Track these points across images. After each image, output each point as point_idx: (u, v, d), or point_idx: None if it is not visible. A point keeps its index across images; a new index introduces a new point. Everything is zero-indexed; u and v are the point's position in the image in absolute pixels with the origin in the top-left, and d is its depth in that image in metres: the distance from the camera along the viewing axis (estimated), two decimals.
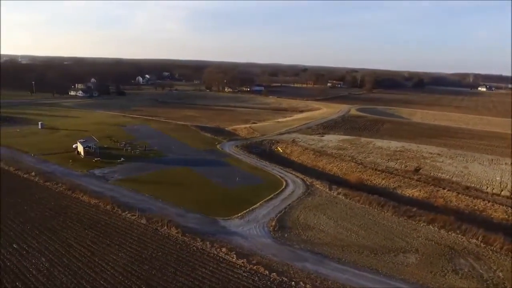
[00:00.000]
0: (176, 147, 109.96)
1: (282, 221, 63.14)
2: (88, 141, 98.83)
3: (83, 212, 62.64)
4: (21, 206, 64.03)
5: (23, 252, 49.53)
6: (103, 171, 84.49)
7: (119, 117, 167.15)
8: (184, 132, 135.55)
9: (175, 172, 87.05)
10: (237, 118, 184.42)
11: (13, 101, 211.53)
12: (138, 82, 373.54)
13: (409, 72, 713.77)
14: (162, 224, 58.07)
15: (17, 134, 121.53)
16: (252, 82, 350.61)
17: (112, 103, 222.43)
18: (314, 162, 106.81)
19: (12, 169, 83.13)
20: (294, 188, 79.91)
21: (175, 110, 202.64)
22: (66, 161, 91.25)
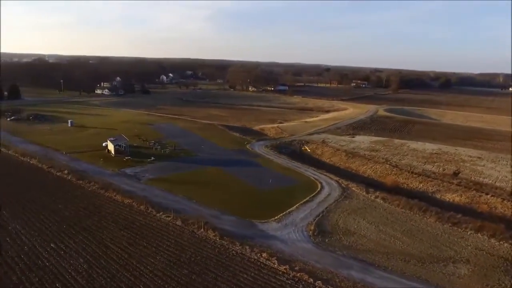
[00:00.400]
0: (205, 147, 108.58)
1: (321, 225, 60.57)
2: (118, 139, 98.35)
3: (117, 212, 61.54)
4: (56, 204, 63.46)
5: (61, 252, 48.54)
6: (134, 170, 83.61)
7: (146, 116, 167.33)
8: (212, 131, 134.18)
9: (206, 172, 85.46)
10: (263, 118, 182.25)
11: (42, 99, 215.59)
12: (162, 81, 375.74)
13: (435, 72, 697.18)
14: (199, 226, 56.32)
15: (48, 132, 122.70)
16: (276, 81, 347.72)
17: (137, 102, 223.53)
18: (347, 163, 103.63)
19: (45, 167, 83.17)
20: (330, 190, 77.13)
21: (200, 109, 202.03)
22: (97, 160, 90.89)
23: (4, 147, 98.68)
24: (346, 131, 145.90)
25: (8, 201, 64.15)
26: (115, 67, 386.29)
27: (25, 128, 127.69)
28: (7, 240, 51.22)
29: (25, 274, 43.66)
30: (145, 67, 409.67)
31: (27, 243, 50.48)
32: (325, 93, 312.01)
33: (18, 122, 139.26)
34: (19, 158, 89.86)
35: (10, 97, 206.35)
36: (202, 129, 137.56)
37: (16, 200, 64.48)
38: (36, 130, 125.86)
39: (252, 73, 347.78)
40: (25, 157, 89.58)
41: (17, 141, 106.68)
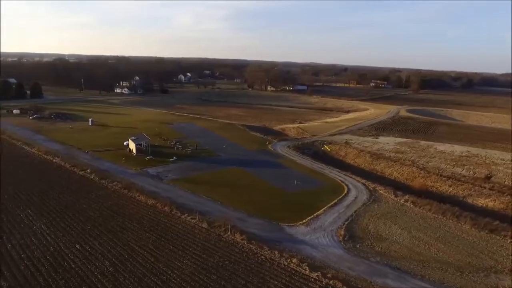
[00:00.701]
0: (227, 147, 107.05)
1: (351, 230, 58.19)
2: (140, 138, 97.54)
3: (141, 213, 60.30)
4: (80, 204, 62.64)
5: (86, 254, 47.41)
6: (156, 170, 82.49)
7: (165, 115, 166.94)
8: (232, 131, 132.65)
9: (229, 172, 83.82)
10: (283, 118, 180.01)
11: (63, 97, 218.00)
12: (180, 80, 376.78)
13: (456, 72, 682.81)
14: (225, 229, 54.60)
15: (69, 130, 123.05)
16: (295, 81, 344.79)
17: (156, 101, 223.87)
18: (371, 165, 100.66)
19: (68, 165, 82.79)
20: (357, 193, 74.56)
21: (219, 109, 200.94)
22: (119, 159, 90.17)
23: (28, 145, 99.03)
24: (369, 132, 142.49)
25: (33, 200, 63.73)
26: (133, 66, 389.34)
27: (47, 126, 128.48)
28: (33, 240, 50.44)
29: (51, 276, 42.63)
30: (163, 66, 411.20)
31: (53, 244, 49.57)
32: (344, 93, 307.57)
33: (41, 120, 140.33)
34: (43, 156, 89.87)
35: (33, 96, 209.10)
36: (223, 128, 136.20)
37: (40, 199, 63.95)
38: (58, 128, 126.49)
39: (270, 72, 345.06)
40: (48, 156, 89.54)
41: (40, 139, 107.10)
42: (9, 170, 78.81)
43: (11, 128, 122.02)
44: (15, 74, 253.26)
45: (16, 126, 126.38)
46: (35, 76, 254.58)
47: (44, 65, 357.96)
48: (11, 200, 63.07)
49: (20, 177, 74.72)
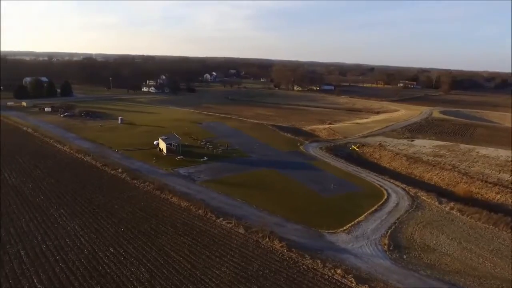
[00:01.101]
0: (258, 147, 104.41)
1: (395, 239, 54.47)
2: (170, 138, 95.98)
3: (175, 215, 58.24)
4: (112, 205, 61.17)
5: (121, 258, 45.56)
6: (188, 171, 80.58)
7: (193, 114, 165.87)
8: (262, 131, 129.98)
9: (263, 174, 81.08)
10: (311, 118, 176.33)
11: (92, 96, 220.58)
12: (206, 79, 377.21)
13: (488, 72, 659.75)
14: (263, 235, 51.87)
15: (99, 129, 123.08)
16: (321, 81, 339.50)
17: (183, 100, 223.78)
18: (409, 169, 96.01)
19: (99, 164, 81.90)
20: (398, 199, 70.52)
21: (247, 108, 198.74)
22: (149, 158, 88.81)
23: (60, 143, 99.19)
24: (403, 134, 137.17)
25: (66, 199, 62.73)
26: (159, 65, 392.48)
27: (78, 125, 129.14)
28: (67, 241, 49.06)
29: (87, 281, 40.93)
30: (189, 65, 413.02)
31: (87, 246, 48.00)
32: (372, 94, 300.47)
33: (71, 118, 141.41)
34: (74, 154, 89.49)
35: (63, 94, 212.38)
36: (252, 128, 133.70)
37: (73, 199, 62.88)
38: (88, 126, 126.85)
39: (297, 72, 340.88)
40: (80, 154, 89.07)
41: (71, 137, 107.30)
42: (44, 168, 78.57)
43: (44, 125, 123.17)
44: (46, 73, 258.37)
45: (48, 123, 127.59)
46: (65, 75, 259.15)
47: (73, 64, 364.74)
48: (46, 199, 62.21)
49: (54, 175, 74.17)
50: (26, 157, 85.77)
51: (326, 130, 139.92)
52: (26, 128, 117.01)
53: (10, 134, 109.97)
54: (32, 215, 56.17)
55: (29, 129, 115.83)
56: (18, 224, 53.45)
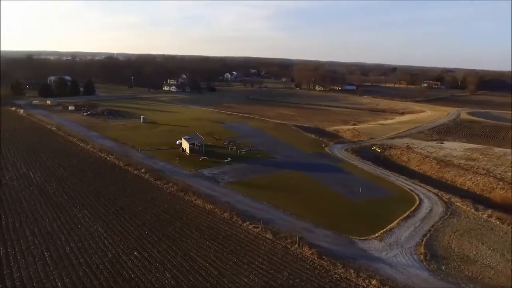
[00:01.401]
0: (282, 148, 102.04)
1: (432, 248, 51.26)
2: (194, 138, 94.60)
3: (199, 219, 56.44)
4: (135, 206, 59.83)
5: (145, 262, 43.93)
6: (211, 172, 78.85)
7: (215, 114, 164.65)
8: (285, 131, 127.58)
9: (288, 176, 78.67)
10: (334, 118, 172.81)
11: (114, 95, 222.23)
12: (226, 78, 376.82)
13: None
14: (292, 241, 49.50)
15: (122, 128, 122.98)
16: (343, 80, 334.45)
17: (204, 99, 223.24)
18: (439, 173, 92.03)
19: (122, 164, 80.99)
20: (431, 205, 67.05)
21: (268, 108, 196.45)
22: (172, 158, 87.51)
23: (83, 142, 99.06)
24: (431, 135, 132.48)
25: (89, 199, 61.76)
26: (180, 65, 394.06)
27: (101, 123, 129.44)
28: (90, 243, 47.77)
29: (111, 286, 39.44)
30: (209, 65, 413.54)
31: (110, 249, 46.60)
32: (395, 94, 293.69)
33: (94, 117, 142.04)
34: (97, 153, 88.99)
35: (86, 93, 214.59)
36: (275, 129, 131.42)
37: (96, 199, 61.85)
38: (110, 125, 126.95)
39: (318, 72, 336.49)
40: (103, 153, 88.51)
41: (94, 136, 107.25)
42: (67, 167, 78.16)
43: (67, 124, 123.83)
44: (70, 72, 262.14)
45: (71, 122, 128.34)
46: (88, 74, 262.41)
47: (95, 64, 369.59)
48: (70, 199, 61.38)
49: (77, 175, 73.57)
50: (50, 156, 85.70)
51: (350, 131, 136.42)
52: (50, 126, 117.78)
53: (35, 132, 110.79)
54: (55, 215, 55.29)
55: (53, 127, 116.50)
56: (42, 224, 52.59)
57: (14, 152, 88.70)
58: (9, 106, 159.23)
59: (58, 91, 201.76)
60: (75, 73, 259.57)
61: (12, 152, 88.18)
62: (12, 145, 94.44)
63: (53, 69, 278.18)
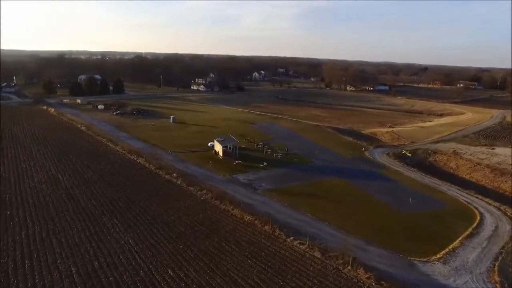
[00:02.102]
0: (319, 152, 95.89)
1: (508, 276, 44.21)
2: (227, 140, 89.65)
3: (238, 231, 51.24)
4: (168, 215, 55.21)
5: (181, 284, 39.03)
6: (247, 177, 73.67)
7: (245, 114, 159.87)
8: (320, 133, 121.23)
9: (329, 183, 72.57)
10: (369, 120, 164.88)
11: (143, 94, 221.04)
12: (254, 78, 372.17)
13: None
14: (344, 262, 43.57)
15: (151, 128, 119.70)
16: (375, 80, 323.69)
17: (233, 98, 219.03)
18: (495, 183, 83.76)
19: (152, 167, 76.85)
20: (495, 221, 59.59)
21: (299, 108, 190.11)
22: (205, 162, 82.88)
23: (112, 142, 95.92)
24: (477, 140, 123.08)
25: (119, 206, 57.63)
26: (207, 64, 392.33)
27: (130, 123, 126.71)
28: (121, 258, 43.29)
29: None
30: (237, 64, 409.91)
31: (142, 266, 41.95)
32: (431, 95, 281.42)
33: (123, 116, 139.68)
34: (127, 155, 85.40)
35: (115, 92, 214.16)
36: (309, 130, 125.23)
37: (126, 206, 57.67)
38: (140, 125, 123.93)
39: (349, 71, 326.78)
40: (132, 155, 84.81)
41: (123, 137, 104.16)
42: (96, 169, 74.72)
43: (96, 123, 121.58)
44: (100, 71, 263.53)
45: (100, 121, 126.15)
46: (117, 73, 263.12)
47: (125, 63, 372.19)
48: (98, 206, 57.43)
49: (106, 178, 69.91)
50: (79, 157, 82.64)
51: (389, 134, 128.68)
52: (79, 126, 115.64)
53: (65, 131, 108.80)
54: (84, 224, 51.30)
55: (83, 127, 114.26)
56: (70, 234, 48.63)
57: (44, 152, 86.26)
58: (41, 104, 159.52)
59: (88, 90, 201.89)
60: (104, 72, 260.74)
61: (42, 153, 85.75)
62: (43, 146, 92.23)
63: (84, 68, 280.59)
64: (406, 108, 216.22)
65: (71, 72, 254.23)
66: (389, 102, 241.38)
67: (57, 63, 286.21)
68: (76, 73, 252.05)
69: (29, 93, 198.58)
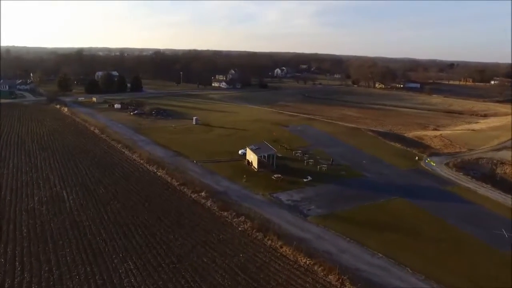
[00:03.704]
0: (367, 162, 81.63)
1: None
2: (262, 148, 76.08)
3: (294, 284, 37.72)
4: (199, 256, 42.10)
5: None
6: (291, 197, 60.23)
7: (274, 114, 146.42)
8: (361, 138, 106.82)
9: (394, 207, 58.45)
10: (408, 121, 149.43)
11: (162, 91, 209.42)
12: (276, 74, 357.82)
13: None
14: None
15: (172, 131, 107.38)
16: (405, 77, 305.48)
17: (257, 96, 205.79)
18: None
19: (175, 182, 63.99)
20: None
21: (329, 108, 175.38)
22: (237, 175, 69.60)
23: (128, 149, 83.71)
24: None
25: (135, 240, 44.77)
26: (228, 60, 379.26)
27: (149, 124, 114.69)
28: None
29: None
30: (258, 60, 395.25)
31: None
32: (467, 93, 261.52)
33: (141, 116, 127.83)
34: (144, 166, 72.88)
35: (133, 89, 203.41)
36: (348, 134, 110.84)
37: (144, 241, 44.81)
38: (159, 127, 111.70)
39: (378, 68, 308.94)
40: (151, 165, 72.23)
41: (141, 141, 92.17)
42: (109, 185, 62.38)
43: (112, 125, 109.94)
44: (117, 67, 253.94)
45: (117, 123, 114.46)
46: (135, 69, 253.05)
47: (143, 59, 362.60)
48: (109, 239, 44.70)
49: (120, 198, 57.43)
50: (90, 168, 70.55)
51: (439, 139, 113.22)
52: (93, 128, 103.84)
53: (76, 135, 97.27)
54: (89, 269, 38.67)
55: (96, 129, 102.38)
56: (70, 286, 36.03)
57: (50, 161, 74.56)
58: (55, 103, 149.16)
59: (105, 87, 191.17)
60: (122, 69, 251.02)
61: (47, 162, 74.05)
62: (50, 152, 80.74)
63: (102, 65, 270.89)
64: (443, 108, 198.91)
65: (88, 69, 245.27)
66: (424, 101, 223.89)
67: (75, 60, 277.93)
68: (93, 70, 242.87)
69: (44, 91, 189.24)
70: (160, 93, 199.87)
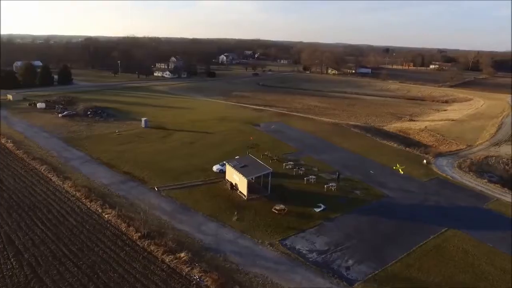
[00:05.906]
0: (376, 173, 65.00)
1: None
2: (250, 166, 55.55)
3: None
4: None
5: None
6: (311, 244, 41.40)
7: (237, 108, 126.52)
8: (349, 137, 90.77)
9: (453, 247, 41.79)
10: (379, 111, 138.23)
11: (97, 84, 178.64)
12: (222, 61, 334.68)
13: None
14: None
15: (117, 139, 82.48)
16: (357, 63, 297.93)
17: (208, 87, 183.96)
18: None
19: (134, 233, 41.85)
20: None
21: (290, 97, 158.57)
22: (222, 210, 48.83)
23: (57, 173, 59.44)
24: None
25: None
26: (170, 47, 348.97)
27: (84, 131, 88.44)
28: None
29: None
30: (201, 47, 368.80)
31: None
32: (419, 78, 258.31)
33: (73, 119, 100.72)
34: (83, 202, 49.59)
35: (61, 82, 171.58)
36: (332, 133, 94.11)
37: None
38: (99, 134, 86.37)
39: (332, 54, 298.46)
40: (94, 203, 49.09)
41: (76, 159, 67.48)
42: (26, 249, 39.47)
43: (33, 134, 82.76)
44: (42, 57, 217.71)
45: (40, 130, 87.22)
46: (63, 59, 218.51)
47: (73, 46, 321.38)
48: None
49: (46, 274, 35.03)
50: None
51: (427, 134, 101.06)
52: (5, 141, 75.98)
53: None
54: None
55: (9, 142, 74.83)
56: None
57: None
58: None
59: (25, 81, 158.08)
60: (48, 58, 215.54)
61: None
62: None
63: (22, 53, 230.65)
64: (403, 94, 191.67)
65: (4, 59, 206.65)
66: (382, 87, 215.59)
67: None
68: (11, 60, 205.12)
69: None
70: (95, 86, 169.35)
